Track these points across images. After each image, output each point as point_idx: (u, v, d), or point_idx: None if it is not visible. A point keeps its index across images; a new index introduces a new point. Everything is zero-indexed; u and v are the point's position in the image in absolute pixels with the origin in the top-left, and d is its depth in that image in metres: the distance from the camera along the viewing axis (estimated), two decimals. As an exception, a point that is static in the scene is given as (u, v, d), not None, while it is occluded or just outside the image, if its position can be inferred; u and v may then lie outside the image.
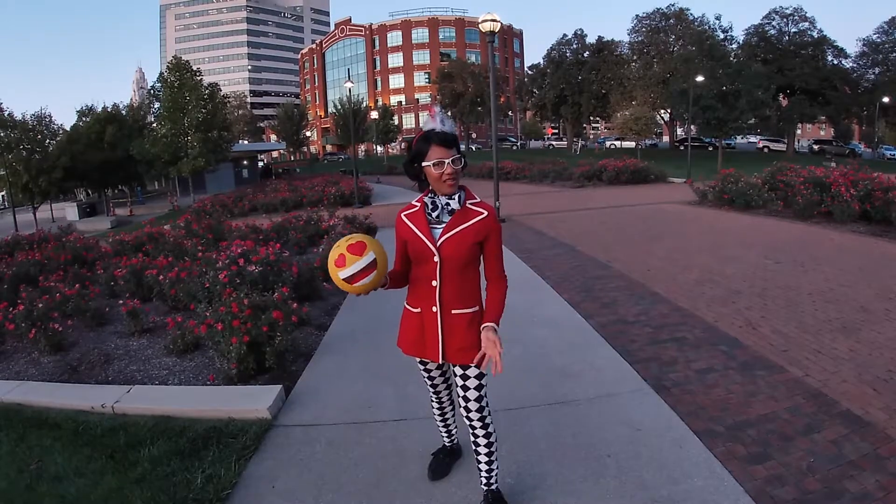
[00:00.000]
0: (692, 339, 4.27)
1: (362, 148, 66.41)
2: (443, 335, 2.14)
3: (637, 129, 35.19)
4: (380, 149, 61.26)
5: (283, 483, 2.64)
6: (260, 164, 50.08)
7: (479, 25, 11.36)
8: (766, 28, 42.12)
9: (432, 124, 2.03)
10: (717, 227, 9.88)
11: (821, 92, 40.07)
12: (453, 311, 2.13)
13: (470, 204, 2.11)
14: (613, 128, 53.01)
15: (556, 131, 71.16)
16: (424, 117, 2.14)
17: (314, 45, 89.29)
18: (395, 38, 75.60)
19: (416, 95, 73.90)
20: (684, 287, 5.79)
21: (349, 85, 23.87)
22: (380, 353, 4.20)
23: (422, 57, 74.13)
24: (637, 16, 48.46)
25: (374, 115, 45.87)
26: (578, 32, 51.02)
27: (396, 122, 60.52)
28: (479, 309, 2.18)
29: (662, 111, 47.50)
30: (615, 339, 4.31)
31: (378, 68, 77.09)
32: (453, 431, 2.66)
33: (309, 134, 71.13)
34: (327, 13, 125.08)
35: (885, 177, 10.05)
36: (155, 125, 31.64)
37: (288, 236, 9.53)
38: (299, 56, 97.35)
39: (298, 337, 4.58)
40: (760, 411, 3.09)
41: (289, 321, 4.08)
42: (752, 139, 56.03)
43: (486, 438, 2.23)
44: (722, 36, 42.67)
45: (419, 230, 2.08)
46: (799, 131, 49.48)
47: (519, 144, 62.16)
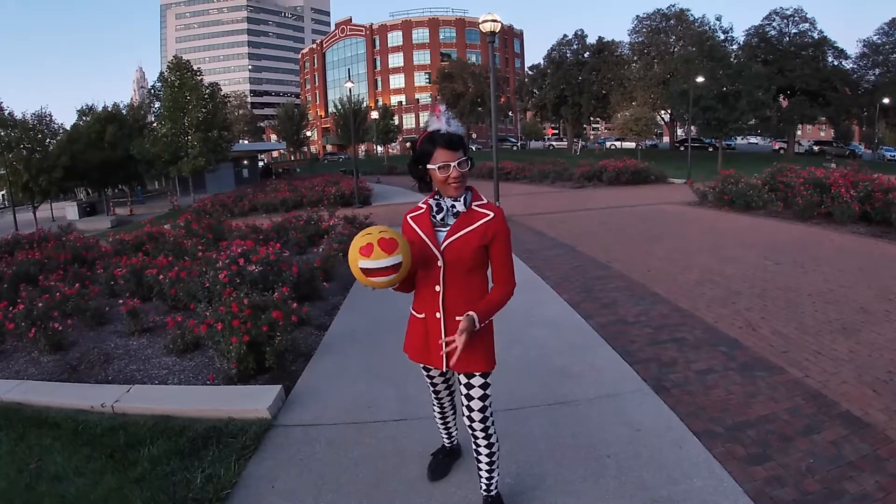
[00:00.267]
0: (692, 340, 4.27)
1: (362, 148, 66.41)
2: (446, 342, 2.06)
3: (637, 130, 35.19)
4: (380, 149, 61.27)
5: (283, 483, 2.64)
6: (260, 163, 50.08)
7: (480, 26, 11.36)
8: (767, 29, 42.17)
9: (437, 124, 1.94)
10: (717, 227, 9.88)
11: (821, 93, 40.10)
12: (457, 318, 2.03)
13: (476, 205, 2.03)
14: (613, 128, 53.04)
15: (557, 132, 71.23)
16: (426, 117, 2.11)
17: (314, 45, 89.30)
18: (395, 39, 75.60)
19: (417, 96, 73.91)
20: (684, 288, 5.79)
21: (349, 85, 23.87)
22: (380, 354, 4.21)
23: (422, 57, 74.12)
24: (637, 16, 48.68)
25: (375, 115, 45.89)
26: (579, 33, 51.09)
27: (397, 123, 60.53)
28: None
29: (663, 112, 47.53)
30: (615, 340, 4.31)
31: (378, 68, 77.09)
32: (453, 433, 2.65)
33: (309, 134, 71.14)
34: (328, 13, 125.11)
35: (886, 178, 10.05)
36: (155, 125, 31.63)
37: (288, 236, 9.53)
38: (300, 56, 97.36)
39: (298, 337, 4.58)
40: (760, 412, 3.09)
41: (289, 321, 4.08)
42: (753, 140, 56.07)
43: (487, 448, 2.18)
44: (722, 37, 42.75)
45: (423, 233, 2.04)
46: (799, 132, 49.50)
47: (519, 145, 62.15)
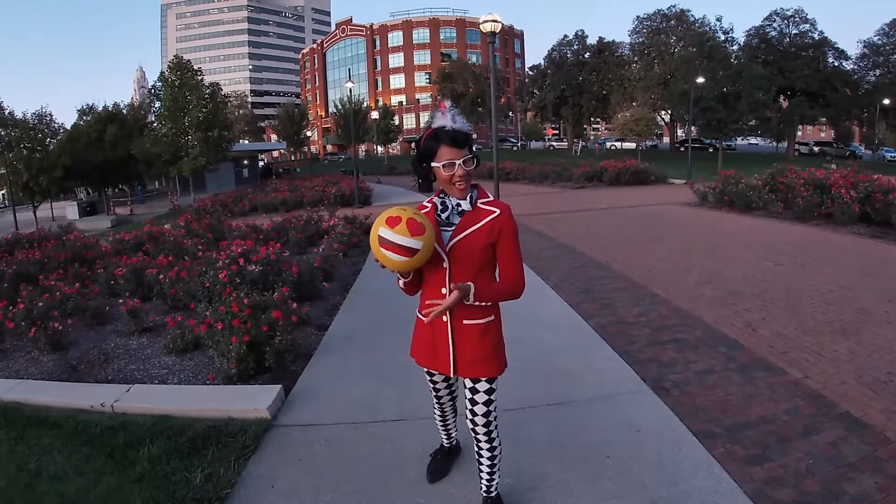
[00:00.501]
0: (692, 341, 4.27)
1: (363, 148, 66.40)
2: (454, 347, 2.02)
3: (637, 131, 35.16)
4: (380, 149, 61.26)
5: (283, 483, 2.64)
6: (260, 163, 50.08)
7: (480, 26, 11.36)
8: (767, 30, 42.22)
9: (443, 121, 1.88)
10: (717, 228, 9.88)
11: (821, 94, 40.15)
12: (465, 322, 2.00)
13: (482, 203, 1.97)
14: (614, 129, 52.96)
15: (557, 132, 71.20)
16: (427, 117, 2.08)
17: (315, 45, 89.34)
18: (395, 39, 75.62)
19: (417, 96, 73.93)
20: (684, 288, 5.79)
21: (350, 85, 23.88)
22: (380, 354, 4.21)
23: (423, 57, 74.13)
24: (638, 17, 48.69)
25: (375, 115, 45.87)
26: (579, 33, 51.12)
27: (397, 123, 60.52)
28: (493, 318, 2.05)
29: (663, 112, 47.54)
30: (615, 340, 4.31)
31: (379, 68, 77.10)
32: (452, 434, 2.65)
33: (309, 134, 71.04)
34: (328, 13, 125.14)
35: (886, 179, 10.05)
36: (156, 124, 31.64)
37: (288, 236, 9.54)
38: (300, 56, 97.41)
39: (298, 337, 4.58)
40: (760, 413, 3.09)
41: (289, 321, 4.09)
42: (753, 141, 56.03)
43: (489, 451, 2.16)
44: (723, 37, 42.82)
45: None
46: (799, 133, 49.51)
47: (519, 145, 62.15)
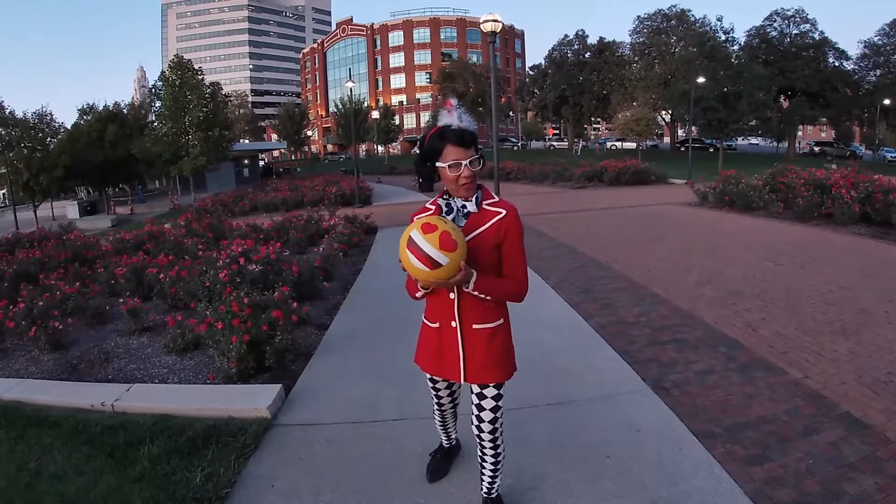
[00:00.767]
0: (692, 341, 4.27)
1: (363, 148, 66.42)
2: (464, 353, 1.98)
3: (638, 130, 35.16)
4: (381, 148, 61.28)
5: (283, 482, 2.64)
6: (261, 163, 50.09)
7: (481, 26, 11.36)
8: (768, 30, 42.22)
9: (448, 119, 1.84)
10: (717, 228, 9.87)
11: (822, 94, 40.15)
12: (474, 326, 1.96)
13: (487, 204, 1.93)
14: (614, 129, 52.97)
15: (557, 132, 71.18)
16: (427, 117, 2.05)
17: (315, 45, 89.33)
18: (396, 38, 75.60)
19: (418, 95, 73.93)
20: (684, 288, 5.79)
21: (350, 84, 23.90)
22: (380, 353, 4.21)
23: (423, 57, 74.12)
24: (638, 17, 48.68)
25: (376, 114, 45.91)
26: (580, 33, 51.11)
27: (397, 122, 60.54)
28: (503, 322, 2.03)
29: (663, 112, 47.53)
30: (615, 340, 4.31)
31: (379, 68, 77.09)
32: (452, 435, 2.64)
33: (310, 133, 71.09)
34: (329, 13, 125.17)
35: (886, 179, 10.05)
36: (156, 124, 31.63)
37: (288, 236, 9.55)
38: (301, 55, 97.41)
39: (298, 336, 4.58)
40: (760, 413, 3.09)
41: (289, 320, 4.09)
42: (754, 140, 56.03)
43: (493, 456, 2.14)
44: (723, 37, 42.79)
45: None
46: (800, 133, 49.49)
47: (520, 145, 62.15)
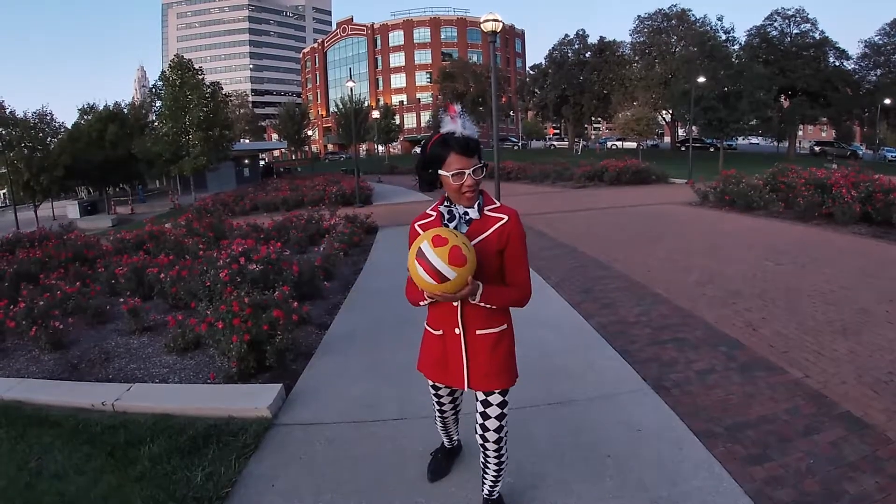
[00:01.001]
0: (692, 340, 4.27)
1: (364, 147, 66.42)
2: (467, 359, 1.97)
3: (638, 130, 35.13)
4: (381, 148, 61.29)
5: (283, 482, 2.64)
6: (261, 163, 50.10)
7: (481, 25, 11.34)
8: (768, 29, 42.17)
9: (452, 126, 1.80)
10: (717, 228, 9.87)
11: (822, 93, 40.10)
12: (478, 332, 1.95)
13: (489, 210, 1.92)
14: (615, 128, 52.94)
15: (558, 131, 71.18)
16: (429, 115, 2.03)
17: (316, 45, 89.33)
18: (396, 38, 75.59)
19: (418, 95, 73.92)
20: (685, 288, 5.78)
21: (351, 84, 23.89)
22: (380, 353, 4.22)
23: (423, 56, 74.11)
24: (639, 16, 48.63)
25: (376, 114, 45.93)
26: (580, 33, 51.08)
27: (398, 122, 60.54)
28: (507, 327, 2.01)
29: (664, 112, 47.51)
30: (615, 340, 4.31)
31: (380, 68, 77.09)
32: (454, 437, 2.64)
33: (310, 133, 71.09)
34: (329, 12, 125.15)
35: (886, 179, 10.04)
36: (156, 124, 31.64)
37: (289, 235, 9.55)
38: (301, 55, 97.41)
39: (299, 336, 4.58)
40: (760, 412, 3.09)
41: (289, 320, 4.09)
42: (754, 140, 55.99)
43: (496, 462, 2.12)
44: (724, 37, 42.74)
45: None
46: (801, 133, 49.47)
47: (520, 144, 62.17)
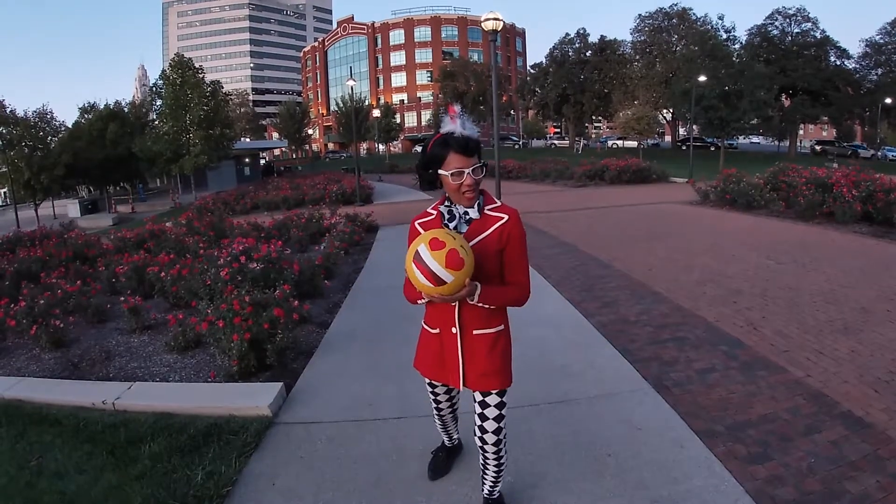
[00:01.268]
0: (693, 339, 4.27)
1: (364, 146, 66.44)
2: (464, 359, 1.98)
3: (639, 129, 35.17)
4: (382, 147, 61.29)
5: (284, 480, 2.64)
6: (262, 161, 50.11)
7: (482, 24, 11.33)
8: (769, 28, 42.11)
9: (452, 126, 1.82)
10: (718, 227, 9.86)
11: (823, 93, 40.03)
12: (475, 332, 1.96)
13: (489, 209, 1.92)
14: (615, 127, 52.98)
15: (559, 130, 71.17)
16: (430, 114, 2.04)
17: (316, 43, 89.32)
18: (397, 37, 75.58)
19: (419, 94, 73.95)
20: (685, 287, 5.78)
21: (351, 83, 23.84)
22: (381, 352, 4.22)
23: (424, 55, 74.12)
24: (640, 15, 48.60)
25: (377, 113, 45.85)
26: (581, 31, 51.02)
27: (398, 121, 60.52)
28: (503, 328, 2.03)
29: (665, 111, 47.48)
30: (616, 339, 4.31)
31: (380, 66, 77.08)
32: (454, 436, 2.64)
33: (311, 132, 71.13)
34: (330, 11, 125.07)
35: (888, 178, 10.03)
36: (157, 122, 31.63)
37: (290, 234, 9.56)
38: (301, 54, 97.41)
39: (299, 335, 4.58)
40: (761, 411, 3.09)
41: (290, 319, 4.09)
42: (755, 139, 55.99)
43: (496, 462, 2.12)
44: (724, 36, 42.75)
45: None
46: (801, 132, 49.42)
47: (521, 143, 62.17)
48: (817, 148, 43.95)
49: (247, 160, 42.53)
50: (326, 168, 43.92)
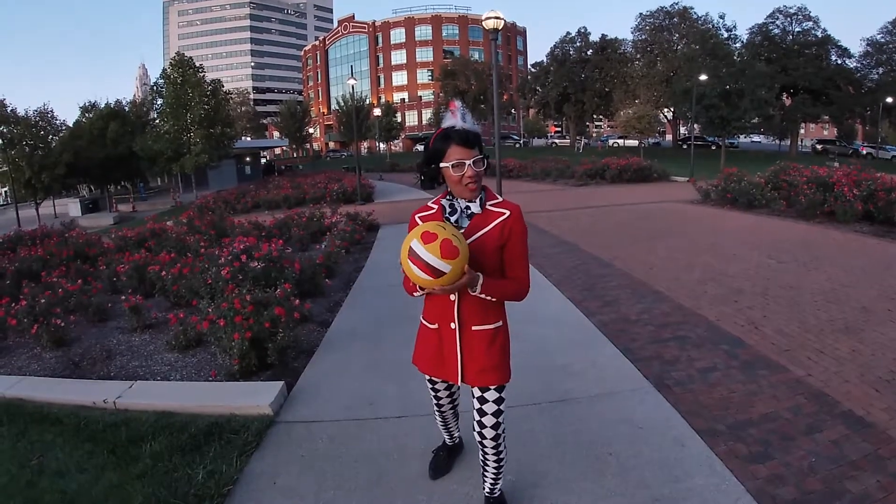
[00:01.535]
0: (694, 338, 4.26)
1: (365, 145, 66.44)
2: (462, 354, 1.99)
3: (640, 128, 35.09)
4: (383, 146, 61.30)
5: (285, 479, 2.64)
6: (262, 160, 50.12)
7: (483, 23, 11.32)
8: (770, 27, 42.05)
9: (452, 120, 1.85)
10: (719, 226, 9.85)
11: (824, 92, 39.96)
12: (473, 328, 1.97)
13: (491, 205, 1.93)
14: (616, 126, 52.93)
15: (559, 129, 71.16)
16: (430, 113, 2.05)
17: (317, 42, 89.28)
18: (398, 36, 75.54)
19: (419, 93, 73.91)
20: (686, 286, 5.78)
21: (352, 82, 23.84)
22: (382, 351, 4.22)
23: (425, 54, 74.07)
24: (641, 14, 48.49)
25: (377, 112, 45.85)
26: (582, 30, 50.98)
27: (399, 120, 60.54)
28: (502, 324, 2.03)
29: (665, 110, 47.43)
30: (617, 338, 4.31)
31: (381, 65, 77.05)
32: (455, 434, 2.64)
33: (312, 131, 71.05)
34: (330, 10, 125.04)
35: (889, 177, 10.01)
36: (158, 121, 31.64)
37: (290, 233, 9.56)
38: (302, 53, 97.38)
39: (300, 333, 4.58)
40: (762, 411, 3.09)
41: (291, 318, 4.09)
42: (756, 138, 55.95)
43: (496, 459, 2.12)
44: (725, 35, 42.71)
45: None
46: (802, 131, 49.38)
47: (522, 142, 62.16)
48: (818, 147, 43.92)
49: (248, 159, 42.54)
50: (327, 167, 43.92)
